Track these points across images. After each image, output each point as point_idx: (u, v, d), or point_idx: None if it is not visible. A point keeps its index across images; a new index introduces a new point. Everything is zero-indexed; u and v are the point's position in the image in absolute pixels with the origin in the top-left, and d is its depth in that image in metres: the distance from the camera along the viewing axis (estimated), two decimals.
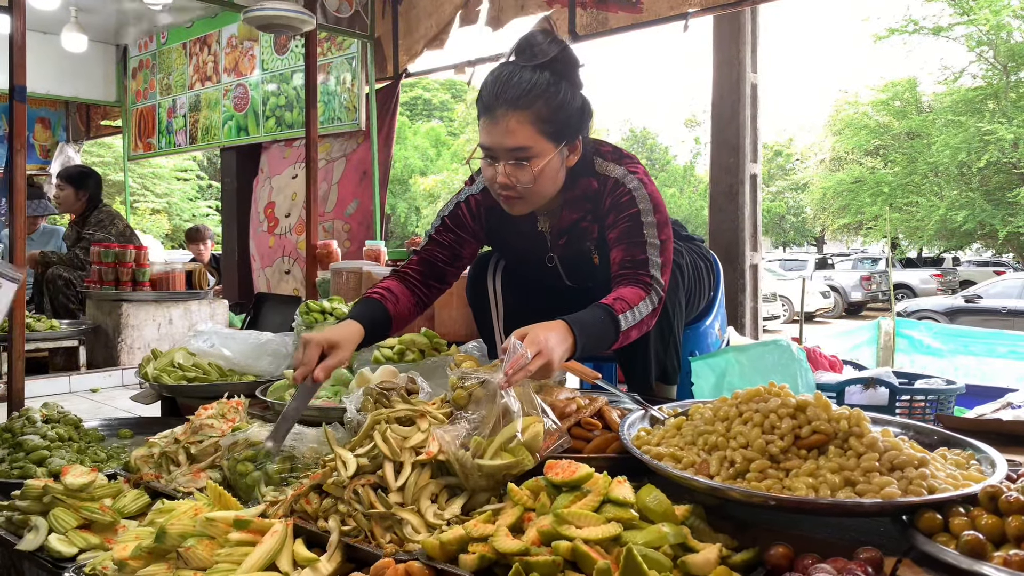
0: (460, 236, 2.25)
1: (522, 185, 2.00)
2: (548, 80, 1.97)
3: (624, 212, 2.05)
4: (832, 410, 1.40)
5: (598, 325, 1.86)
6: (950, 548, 1.14)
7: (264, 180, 6.47)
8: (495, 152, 2.00)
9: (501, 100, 1.95)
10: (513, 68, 1.98)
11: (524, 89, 1.94)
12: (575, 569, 1.19)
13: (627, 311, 1.90)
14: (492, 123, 1.97)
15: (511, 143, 1.96)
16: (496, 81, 1.98)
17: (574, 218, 2.16)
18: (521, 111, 1.94)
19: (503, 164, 1.99)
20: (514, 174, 1.99)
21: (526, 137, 1.95)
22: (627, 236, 2.02)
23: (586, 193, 2.13)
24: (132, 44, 7.47)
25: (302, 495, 1.53)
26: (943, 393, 2.13)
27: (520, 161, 1.98)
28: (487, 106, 1.98)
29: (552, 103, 1.96)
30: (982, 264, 25.57)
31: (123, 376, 4.34)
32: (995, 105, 19.95)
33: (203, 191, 26.11)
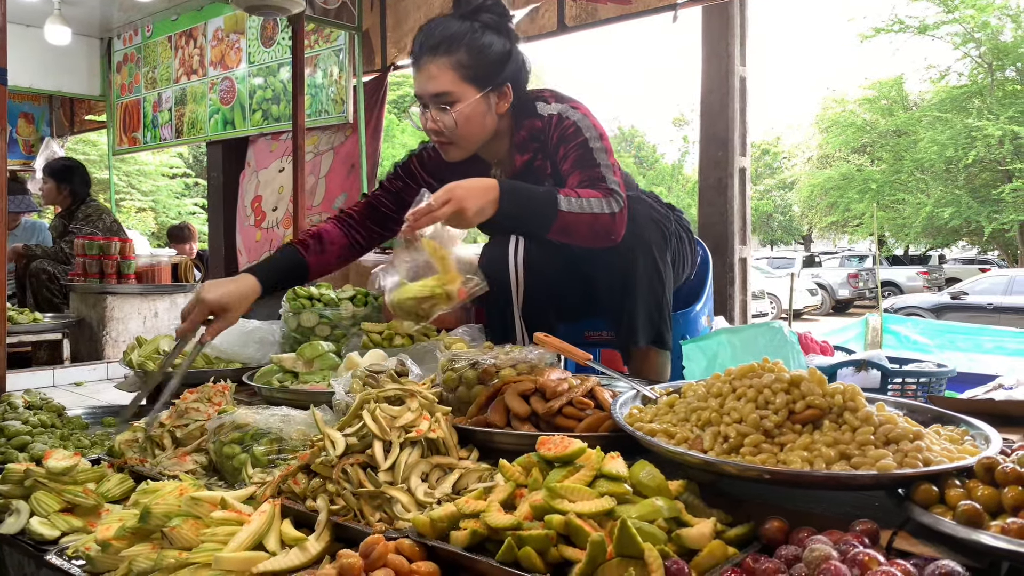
0: (408, 184, 2.35)
1: (448, 130, 2.10)
2: (470, 27, 2.07)
3: (572, 142, 2.11)
4: (827, 385, 1.39)
5: (535, 195, 1.94)
6: (947, 519, 1.13)
7: (251, 174, 6.41)
8: (423, 99, 2.11)
9: (424, 48, 2.07)
10: (439, 20, 2.11)
11: (445, 36, 2.05)
12: (568, 543, 1.17)
13: (572, 196, 1.94)
14: (418, 71, 2.10)
15: (433, 88, 2.07)
16: (422, 32, 2.10)
17: (526, 159, 2.22)
18: (441, 57, 2.05)
19: (431, 111, 2.10)
20: (439, 119, 2.10)
21: (447, 82, 2.06)
22: (580, 163, 2.09)
23: (532, 133, 2.20)
24: (116, 37, 7.39)
25: (290, 475, 1.51)
26: (935, 375, 2.13)
27: (443, 106, 2.08)
28: (415, 56, 2.11)
29: (473, 49, 2.06)
30: (968, 262, 25.76)
31: (108, 369, 4.28)
32: (980, 102, 20.10)
33: (189, 188, 25.92)
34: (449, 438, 1.57)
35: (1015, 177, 18.94)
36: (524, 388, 1.67)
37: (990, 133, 18.59)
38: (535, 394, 1.66)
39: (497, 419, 1.63)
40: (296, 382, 2.11)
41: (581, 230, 1.95)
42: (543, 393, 1.66)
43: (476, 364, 1.82)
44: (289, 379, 2.13)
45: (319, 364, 2.15)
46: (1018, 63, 19.37)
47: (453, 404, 1.78)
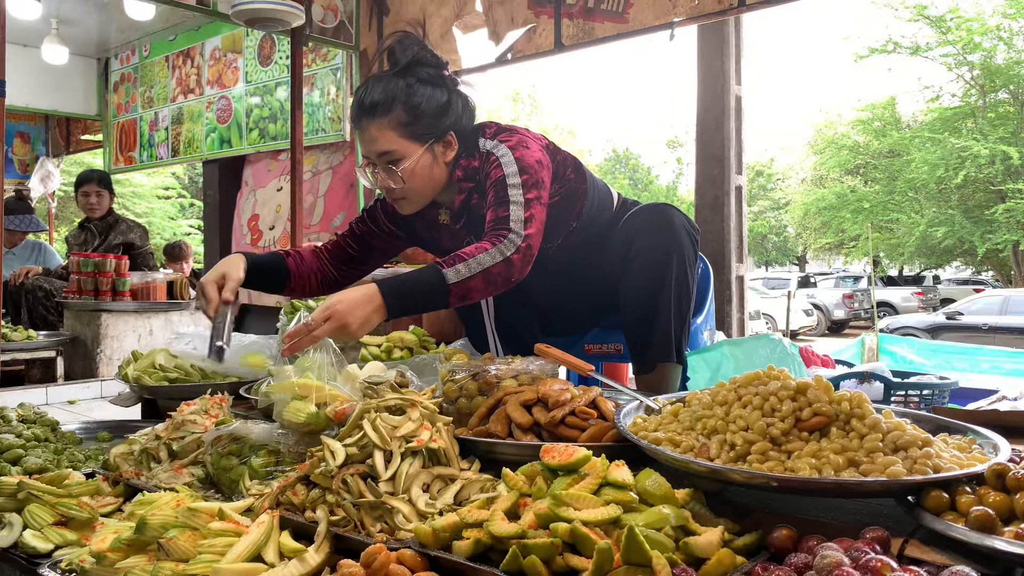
0: (372, 230, 2.36)
1: (397, 186, 2.11)
2: (405, 85, 2.07)
3: (492, 179, 2.10)
4: (833, 392, 1.37)
5: (420, 283, 1.91)
6: (959, 525, 1.11)
7: (248, 193, 6.41)
8: (370, 160, 2.12)
9: (362, 110, 2.08)
10: (372, 80, 2.10)
11: (379, 98, 2.05)
12: (574, 552, 1.15)
13: (458, 264, 1.91)
14: (359, 133, 2.12)
15: (376, 149, 2.08)
16: (357, 94, 2.11)
17: (461, 199, 2.21)
18: (379, 118, 2.06)
19: (379, 171, 2.11)
20: (386, 178, 2.11)
21: (388, 141, 2.07)
22: (494, 200, 2.06)
23: (466, 172, 2.19)
24: (114, 57, 7.41)
25: (289, 487, 1.48)
26: (938, 388, 2.12)
27: (389, 165, 2.09)
28: (354, 119, 2.12)
29: (409, 106, 2.06)
30: (962, 282, 25.87)
31: (102, 387, 4.25)
32: (972, 124, 20.26)
33: (184, 209, 25.89)
34: (450, 448, 1.55)
35: (1008, 197, 19.05)
36: (526, 398, 1.65)
37: (981, 154, 18.72)
38: (537, 404, 1.64)
39: (499, 429, 1.61)
40: None
41: (478, 289, 1.94)
42: (545, 403, 1.64)
43: (477, 375, 1.80)
44: None
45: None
46: (1010, 85, 19.55)
47: (454, 415, 1.75)
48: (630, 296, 2.20)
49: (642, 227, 2.19)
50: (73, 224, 18.22)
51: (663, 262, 2.13)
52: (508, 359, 1.88)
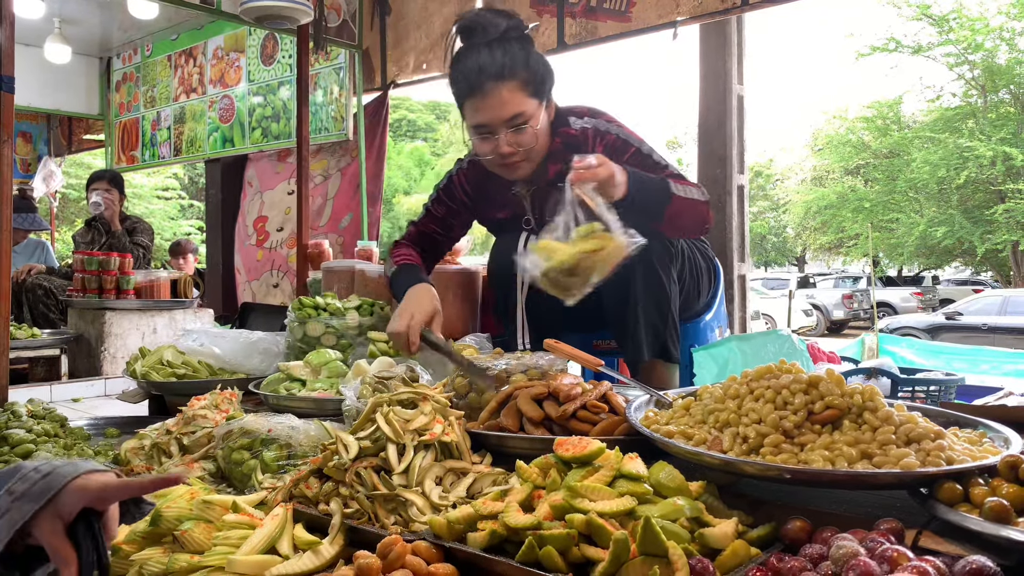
0: (452, 208, 2.42)
1: (524, 148, 2.14)
2: (519, 48, 2.11)
3: (624, 153, 2.18)
4: (845, 385, 1.38)
5: (651, 181, 2.01)
6: (973, 516, 1.12)
7: (253, 194, 6.42)
8: (492, 126, 2.13)
9: (486, 76, 2.08)
10: (482, 48, 2.11)
11: (506, 61, 2.08)
12: (590, 543, 1.15)
13: (679, 184, 2.04)
14: (483, 100, 2.10)
15: (508, 112, 2.10)
16: (473, 62, 2.11)
17: (558, 168, 2.22)
18: (508, 80, 2.08)
19: (503, 134, 2.11)
20: (516, 140, 2.13)
21: (520, 103, 2.10)
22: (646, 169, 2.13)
23: (567, 142, 2.23)
24: (116, 56, 7.41)
25: (302, 479, 1.49)
26: (944, 383, 2.12)
27: (519, 127, 2.11)
28: (472, 85, 2.11)
29: (528, 64, 2.11)
30: (961, 282, 25.86)
31: (106, 386, 4.24)
32: (974, 124, 20.27)
33: (184, 210, 25.89)
34: (462, 442, 1.55)
35: (1008, 198, 19.06)
36: (537, 392, 1.66)
37: (982, 154, 18.74)
38: (548, 398, 1.65)
39: (510, 423, 1.62)
40: (304, 389, 2.09)
41: (687, 216, 2.06)
42: (556, 397, 1.64)
43: (487, 369, 1.80)
44: (297, 387, 2.11)
45: (326, 372, 2.13)
46: (1011, 85, 19.56)
47: (464, 410, 1.76)
48: (604, 299, 2.23)
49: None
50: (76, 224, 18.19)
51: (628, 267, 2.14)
52: (518, 354, 1.89)
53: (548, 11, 4.84)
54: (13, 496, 0.94)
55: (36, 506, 0.94)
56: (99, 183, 5.29)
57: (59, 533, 0.95)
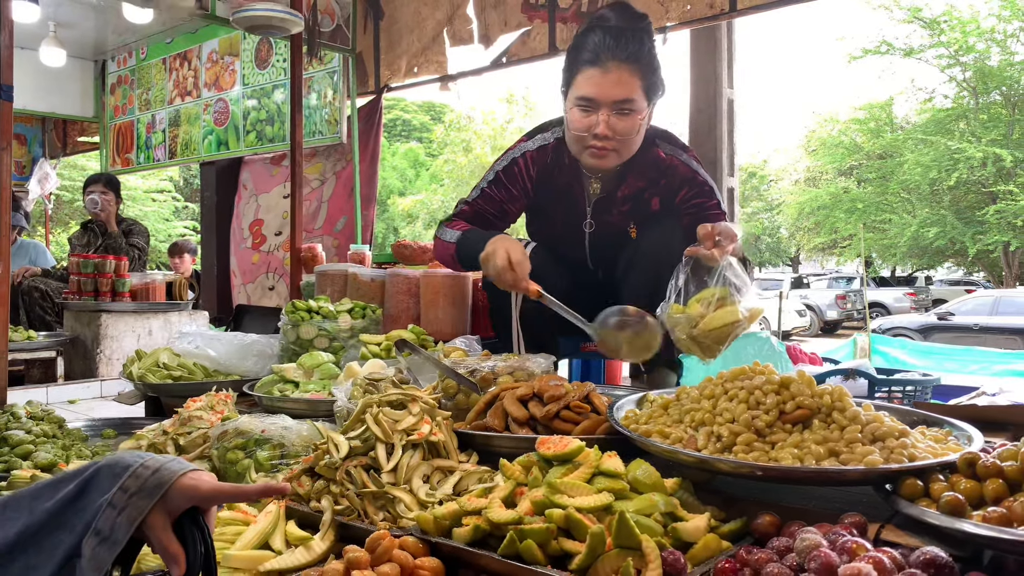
0: (511, 192, 2.34)
1: (620, 136, 2.13)
2: (648, 43, 2.13)
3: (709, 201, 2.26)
4: (815, 386, 1.44)
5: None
6: (931, 510, 1.17)
7: (249, 197, 6.47)
8: (599, 102, 2.12)
9: (614, 54, 2.09)
10: (619, 28, 2.11)
11: (636, 47, 2.09)
12: (568, 536, 1.21)
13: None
14: (602, 74, 2.10)
15: (620, 94, 2.10)
16: (606, 36, 2.10)
17: (640, 185, 2.28)
18: (632, 64, 2.10)
19: (605, 114, 2.11)
20: (616, 124, 2.12)
21: (633, 89, 2.11)
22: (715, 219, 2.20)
23: (655, 162, 2.25)
24: (111, 59, 7.45)
25: (294, 478, 1.54)
26: (920, 384, 2.19)
27: (624, 112, 2.11)
28: (595, 58, 2.11)
29: (652, 63, 2.14)
30: (954, 283, 26.01)
31: (102, 387, 4.29)
32: (965, 125, 20.40)
33: (178, 212, 25.88)
34: (450, 441, 1.61)
35: (999, 199, 19.19)
36: (522, 393, 1.71)
37: (972, 155, 18.87)
38: (533, 399, 1.71)
39: (496, 423, 1.67)
40: (297, 391, 2.15)
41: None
42: (540, 398, 1.70)
43: (474, 372, 1.86)
44: (290, 388, 2.16)
45: (319, 374, 2.18)
46: (1002, 87, 19.69)
47: (452, 411, 1.81)
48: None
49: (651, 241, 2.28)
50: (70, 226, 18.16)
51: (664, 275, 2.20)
52: (505, 356, 1.94)
53: (539, 16, 4.90)
54: (128, 492, 0.94)
55: (151, 502, 0.94)
56: (95, 185, 5.34)
57: (168, 530, 0.96)
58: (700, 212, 2.26)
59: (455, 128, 25.78)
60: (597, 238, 2.37)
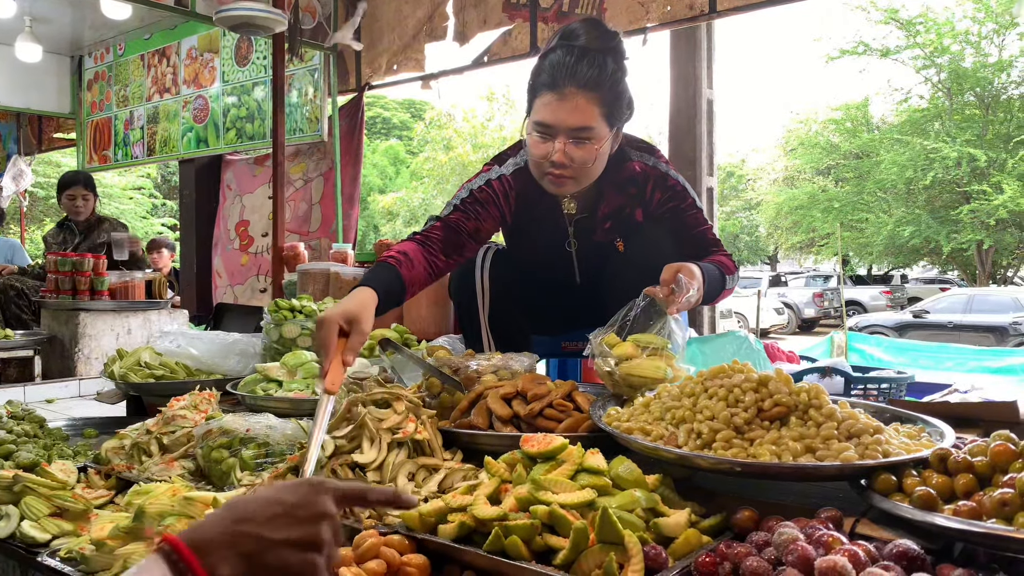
0: (485, 211, 2.24)
1: (578, 164, 2.08)
2: (613, 66, 2.05)
3: (684, 201, 2.27)
4: (793, 384, 1.47)
5: (714, 280, 2.07)
6: (904, 504, 1.21)
7: (233, 197, 6.45)
8: (555, 129, 2.05)
9: (571, 80, 2.01)
10: (580, 51, 2.03)
11: (595, 72, 2.02)
12: (552, 532, 1.23)
13: (728, 275, 2.15)
14: (558, 101, 2.02)
15: (576, 122, 2.03)
16: (564, 61, 2.03)
17: (620, 202, 2.26)
18: (590, 92, 2.02)
19: (561, 142, 2.05)
20: (572, 152, 2.06)
21: (591, 117, 2.04)
22: (699, 222, 2.28)
23: (632, 177, 2.23)
24: (88, 55, 7.38)
25: (279, 477, 1.55)
26: (895, 381, 2.23)
27: (581, 140, 2.05)
28: (552, 83, 2.03)
29: (615, 89, 2.06)
30: (929, 281, 26.37)
31: (80, 387, 4.25)
32: (940, 126, 20.69)
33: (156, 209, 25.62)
34: (434, 440, 1.63)
35: (973, 198, 19.48)
36: (506, 392, 1.73)
37: (947, 155, 19.15)
38: (516, 397, 1.73)
39: (480, 422, 1.69)
40: (280, 390, 2.15)
41: (720, 298, 2.19)
42: (524, 396, 1.72)
43: (458, 370, 1.88)
44: (273, 387, 2.17)
45: (303, 372, 2.19)
46: (977, 88, 19.99)
47: (436, 410, 1.83)
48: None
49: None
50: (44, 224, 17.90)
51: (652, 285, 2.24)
52: (489, 355, 1.96)
53: (521, 15, 4.92)
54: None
55: None
56: (75, 188, 5.26)
57: None
58: (677, 215, 2.27)
59: (436, 126, 25.75)
60: (583, 256, 2.36)
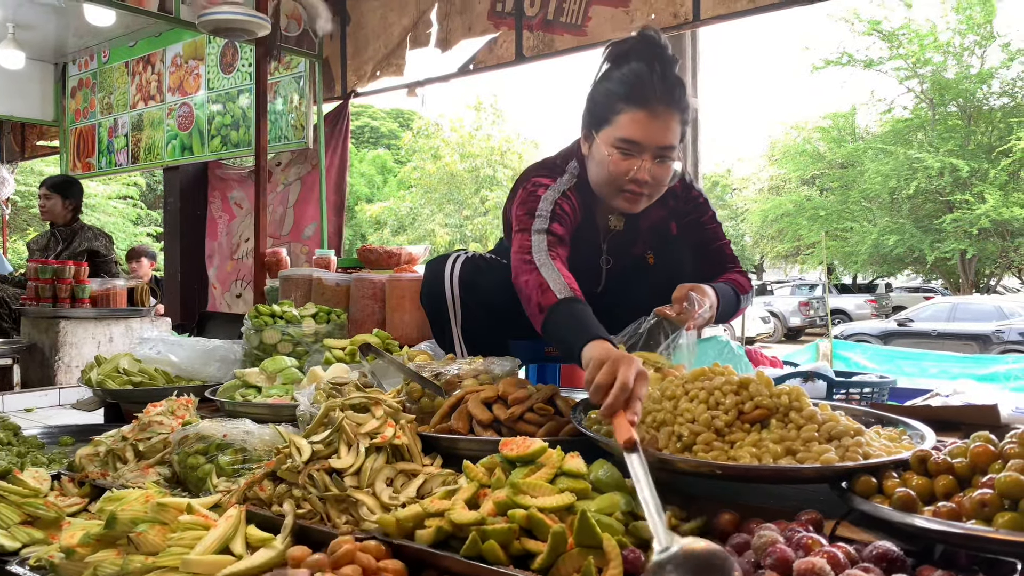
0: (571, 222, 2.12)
1: (657, 182, 2.03)
2: (684, 87, 2.02)
3: (704, 215, 2.28)
4: (773, 387, 1.46)
5: (729, 300, 2.07)
6: (884, 506, 1.20)
7: (244, 215, 6.42)
8: (643, 147, 1.98)
9: (664, 98, 1.95)
10: (666, 67, 1.98)
11: (681, 90, 1.98)
12: (530, 536, 1.22)
13: (743, 294, 2.15)
14: (651, 118, 1.95)
15: (665, 140, 1.98)
16: (653, 75, 1.96)
17: (661, 215, 2.25)
18: (677, 112, 1.98)
19: (647, 160, 1.99)
20: (656, 170, 2.01)
21: (675, 136, 2.00)
22: (719, 236, 2.29)
23: (672, 190, 2.19)
24: (72, 63, 7.33)
25: (256, 482, 1.53)
26: (877, 386, 2.23)
27: (664, 159, 2.00)
28: (645, 99, 1.95)
29: (685, 108, 2.02)
30: (913, 290, 26.58)
31: (60, 395, 4.19)
32: (923, 136, 20.89)
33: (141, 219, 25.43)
34: (413, 444, 1.61)
35: (956, 208, 19.66)
36: (486, 396, 1.72)
37: (930, 165, 19.33)
38: (497, 402, 1.71)
39: (460, 426, 1.67)
40: (259, 396, 2.13)
41: (735, 317, 2.17)
42: (505, 401, 1.71)
43: (439, 375, 1.86)
44: (252, 393, 2.14)
45: (282, 378, 2.17)
46: (959, 98, 20.20)
47: (417, 415, 1.81)
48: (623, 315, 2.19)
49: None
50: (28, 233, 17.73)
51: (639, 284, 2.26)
52: (470, 360, 1.95)
53: (507, 24, 4.93)
54: None
55: None
56: (41, 189, 5.26)
57: None
58: (699, 228, 2.28)
59: (423, 135, 25.75)
60: (614, 271, 2.33)
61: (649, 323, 1.91)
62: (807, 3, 3.83)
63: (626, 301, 2.23)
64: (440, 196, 24.72)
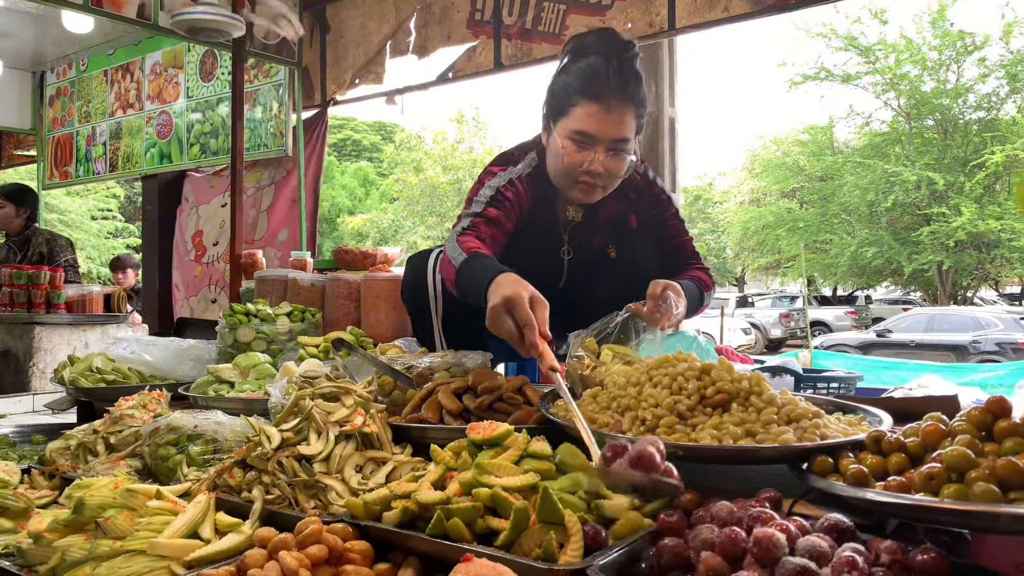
0: (512, 210, 2.16)
1: (611, 174, 2.08)
2: (640, 79, 2.06)
3: (667, 211, 2.31)
4: (735, 372, 1.50)
5: (693, 297, 2.10)
6: (838, 483, 1.23)
7: (190, 209, 6.39)
8: (597, 139, 2.03)
9: (617, 91, 2.00)
10: (622, 61, 2.02)
11: (636, 84, 2.02)
12: (495, 515, 1.24)
13: (706, 292, 2.20)
14: (603, 112, 2.00)
15: (618, 133, 2.03)
16: (604, 71, 2.00)
17: (620, 207, 2.27)
18: (632, 106, 2.03)
19: (601, 152, 2.04)
20: (610, 163, 2.05)
21: (629, 128, 2.05)
22: (681, 232, 2.33)
23: (631, 183, 2.23)
24: (50, 71, 7.31)
25: (226, 470, 1.54)
26: (844, 381, 2.27)
27: (618, 151, 2.05)
28: (600, 93, 2.00)
29: (643, 101, 2.07)
30: (892, 301, 26.89)
31: (34, 402, 4.16)
32: (900, 150, 21.18)
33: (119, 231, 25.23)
34: (383, 433, 1.62)
35: (933, 220, 19.92)
36: (457, 387, 1.74)
37: (907, 178, 19.60)
38: (467, 392, 1.73)
39: (430, 416, 1.69)
40: (232, 391, 2.13)
41: (699, 311, 2.21)
42: (475, 391, 1.73)
43: (411, 368, 1.88)
44: (225, 388, 2.15)
45: (255, 374, 2.17)
46: (935, 113, 20.52)
47: (389, 408, 1.82)
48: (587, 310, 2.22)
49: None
50: None
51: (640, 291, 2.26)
52: (442, 353, 1.97)
53: (485, 32, 4.97)
54: None
55: None
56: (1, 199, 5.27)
57: None
58: (661, 224, 2.31)
59: (405, 148, 25.80)
60: (576, 263, 2.36)
61: (621, 318, 1.93)
62: (779, 12, 3.90)
63: (589, 295, 2.26)
64: (422, 208, 24.77)
